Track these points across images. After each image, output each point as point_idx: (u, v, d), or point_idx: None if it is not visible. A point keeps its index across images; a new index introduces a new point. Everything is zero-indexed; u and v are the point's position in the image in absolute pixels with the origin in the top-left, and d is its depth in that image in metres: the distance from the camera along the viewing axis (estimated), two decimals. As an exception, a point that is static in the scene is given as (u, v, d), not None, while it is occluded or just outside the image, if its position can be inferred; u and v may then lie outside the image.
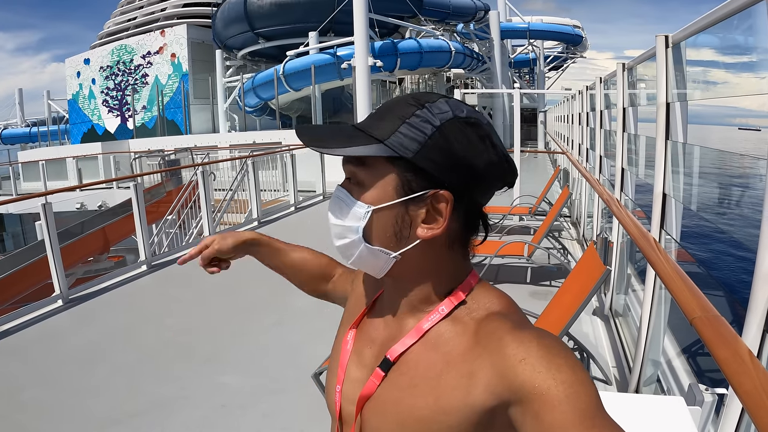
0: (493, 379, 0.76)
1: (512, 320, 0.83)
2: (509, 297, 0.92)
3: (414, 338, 0.89)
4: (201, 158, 15.80)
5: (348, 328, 1.04)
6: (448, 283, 0.91)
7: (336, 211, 0.89)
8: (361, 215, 0.85)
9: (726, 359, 1.28)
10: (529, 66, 44.62)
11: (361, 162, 0.85)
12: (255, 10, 28.74)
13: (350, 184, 0.88)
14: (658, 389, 3.32)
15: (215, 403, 3.80)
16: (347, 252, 0.89)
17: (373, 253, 0.87)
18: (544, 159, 23.80)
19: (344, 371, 0.98)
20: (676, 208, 3.12)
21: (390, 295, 0.96)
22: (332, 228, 0.89)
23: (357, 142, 0.83)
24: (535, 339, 0.76)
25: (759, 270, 1.67)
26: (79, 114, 40.28)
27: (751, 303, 1.70)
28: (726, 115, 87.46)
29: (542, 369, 0.72)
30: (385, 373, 0.89)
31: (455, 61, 28.95)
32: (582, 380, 0.71)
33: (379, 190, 0.85)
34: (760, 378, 1.19)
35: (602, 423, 0.67)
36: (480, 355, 0.79)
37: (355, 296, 1.13)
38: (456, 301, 0.89)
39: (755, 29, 2.11)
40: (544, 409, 0.69)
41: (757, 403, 1.11)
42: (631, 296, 4.82)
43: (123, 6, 43.00)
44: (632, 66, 4.39)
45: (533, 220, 9.06)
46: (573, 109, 10.82)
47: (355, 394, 0.93)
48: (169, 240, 10.53)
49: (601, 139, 6.24)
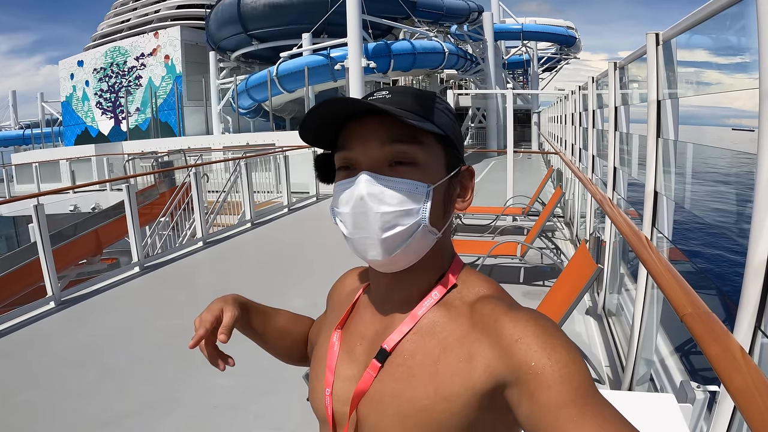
0: (492, 360, 0.77)
1: (506, 302, 0.85)
2: (495, 282, 0.94)
3: (409, 325, 0.88)
4: (194, 160, 15.76)
5: (332, 330, 1.02)
6: (441, 267, 0.93)
7: (387, 198, 0.81)
8: (423, 195, 0.83)
9: (717, 356, 1.28)
10: (523, 67, 44.71)
11: (418, 141, 0.84)
12: (248, 12, 28.74)
13: (396, 168, 0.83)
14: (651, 388, 3.31)
15: (207, 404, 3.78)
16: (396, 241, 0.82)
17: (425, 235, 0.84)
18: (537, 160, 23.86)
19: (333, 373, 0.96)
20: (668, 206, 3.12)
21: (381, 289, 0.95)
22: (380, 218, 0.81)
23: (416, 119, 0.82)
24: (531, 319, 0.78)
25: (750, 266, 1.67)
26: (73, 116, 40.25)
27: (742, 299, 1.69)
28: (720, 115, 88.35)
29: (538, 348, 0.73)
30: (382, 364, 0.87)
31: (449, 62, 29.01)
32: (575, 359, 0.73)
33: (434, 168, 0.86)
34: (752, 374, 1.18)
35: (595, 401, 0.68)
36: (478, 338, 0.80)
37: (331, 308, 1.13)
38: (448, 286, 0.90)
39: (745, 26, 2.11)
40: (539, 388, 0.70)
41: (749, 399, 1.10)
42: (623, 295, 4.82)
43: (116, 8, 43.03)
44: (624, 65, 4.40)
45: (526, 221, 9.05)
46: (566, 109, 10.84)
47: (348, 392, 0.90)
48: (162, 242, 10.50)
49: (593, 138, 6.24)
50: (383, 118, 0.83)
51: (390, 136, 0.83)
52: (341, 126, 0.88)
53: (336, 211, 0.87)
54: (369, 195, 0.81)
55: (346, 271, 1.18)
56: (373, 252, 0.83)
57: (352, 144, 0.85)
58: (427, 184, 0.83)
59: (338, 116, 0.85)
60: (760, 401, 1.07)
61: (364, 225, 0.82)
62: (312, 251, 8.33)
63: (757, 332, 1.67)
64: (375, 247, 0.83)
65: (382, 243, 0.82)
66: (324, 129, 0.87)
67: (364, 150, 0.84)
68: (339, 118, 0.86)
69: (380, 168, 0.83)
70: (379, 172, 0.83)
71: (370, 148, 0.84)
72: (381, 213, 0.81)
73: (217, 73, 32.62)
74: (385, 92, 0.87)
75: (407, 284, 0.91)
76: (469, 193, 0.94)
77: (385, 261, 0.84)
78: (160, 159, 15.69)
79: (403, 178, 0.82)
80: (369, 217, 0.81)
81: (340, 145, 0.88)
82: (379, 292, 0.96)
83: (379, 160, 0.83)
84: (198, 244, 8.87)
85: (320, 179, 0.98)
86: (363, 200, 0.81)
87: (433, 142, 0.86)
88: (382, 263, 0.85)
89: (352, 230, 0.84)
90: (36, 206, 5.98)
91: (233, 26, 29.63)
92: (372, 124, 0.84)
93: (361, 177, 0.82)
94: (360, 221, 0.82)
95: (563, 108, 11.93)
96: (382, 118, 0.83)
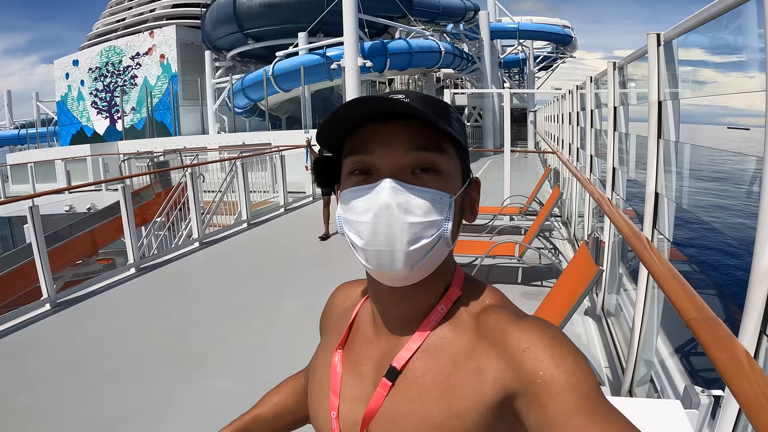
0: (501, 371, 0.76)
1: (511, 312, 0.84)
2: (498, 289, 0.92)
3: (418, 342, 0.85)
4: (190, 160, 15.73)
5: (333, 350, 0.97)
6: (446, 280, 0.90)
7: (413, 208, 0.76)
8: (446, 206, 0.80)
9: (723, 362, 1.26)
10: (519, 66, 44.79)
11: (442, 150, 0.80)
12: (244, 11, 28.70)
13: (419, 176, 0.79)
14: (651, 389, 3.30)
15: (205, 407, 3.76)
16: (420, 254, 0.78)
17: (442, 248, 0.81)
18: (533, 159, 23.85)
19: (338, 396, 0.91)
20: (669, 207, 3.11)
21: (384, 305, 0.90)
22: (408, 229, 0.76)
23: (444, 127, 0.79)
24: (537, 328, 0.77)
25: (755, 270, 1.65)
26: (68, 116, 40.16)
27: (747, 304, 1.68)
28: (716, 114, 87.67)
29: (546, 357, 0.73)
30: (393, 382, 0.84)
31: (445, 61, 29.00)
32: (583, 368, 0.72)
33: (455, 177, 0.83)
34: (759, 381, 1.16)
35: (603, 409, 0.68)
36: (486, 350, 0.79)
37: (326, 329, 1.08)
38: (453, 298, 0.88)
39: (745, 27, 2.10)
40: (547, 397, 0.70)
41: (756, 406, 1.09)
42: (623, 296, 4.80)
43: (112, 7, 42.93)
44: (623, 65, 4.38)
45: (524, 220, 9.06)
46: (563, 108, 10.83)
47: (357, 414, 0.87)
48: (158, 242, 10.47)
49: (591, 138, 6.23)
50: (407, 122, 0.79)
51: (416, 142, 0.79)
52: (354, 127, 0.82)
53: (347, 220, 0.81)
54: (395, 204, 0.76)
55: (334, 290, 1.14)
56: (395, 266, 0.77)
57: (372, 147, 0.79)
58: (449, 194, 0.80)
59: (363, 117, 0.80)
60: (770, 409, 1.05)
61: (385, 236, 0.76)
62: (308, 252, 8.32)
63: (763, 337, 1.65)
64: (397, 261, 0.77)
65: (407, 256, 0.77)
66: (339, 130, 0.83)
67: (386, 155, 0.79)
68: (363, 118, 0.81)
69: (403, 175, 0.79)
70: (402, 179, 0.78)
71: (394, 153, 0.79)
72: (409, 224, 0.76)
73: (213, 72, 32.57)
74: (401, 96, 0.80)
75: (414, 299, 0.86)
76: (476, 205, 0.91)
77: (404, 275, 0.79)
78: (156, 159, 15.62)
79: (427, 187, 0.78)
80: (393, 228, 0.76)
81: (354, 148, 0.82)
82: (382, 309, 0.91)
83: (403, 167, 0.79)
84: (194, 244, 8.85)
85: (319, 184, 0.92)
86: (389, 209, 0.75)
87: (452, 152, 0.83)
88: (399, 278, 0.80)
89: (369, 241, 0.77)
90: (31, 207, 5.95)
91: (229, 25, 29.58)
92: (396, 128, 0.79)
93: (385, 184, 0.76)
94: (381, 232, 0.76)
95: (560, 107, 11.92)
96: (406, 122, 0.79)
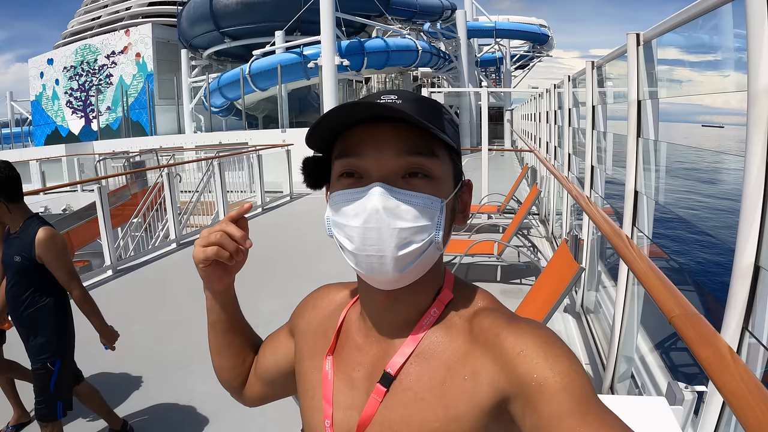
0: (496, 375, 0.76)
1: (504, 315, 0.83)
2: (488, 291, 0.92)
3: (411, 347, 0.84)
4: (166, 160, 15.58)
5: (323, 357, 0.95)
6: (438, 283, 0.89)
7: (403, 213, 0.75)
8: (438, 210, 0.78)
9: (708, 358, 1.27)
10: (496, 65, 45.05)
11: (434, 154, 0.79)
12: (221, 9, 28.56)
13: (409, 180, 0.78)
14: (632, 386, 3.33)
15: (185, 410, 3.72)
16: (409, 258, 0.77)
17: (433, 252, 0.80)
18: (510, 157, 23.99)
19: (331, 404, 0.90)
20: (648, 204, 3.14)
21: (375, 309, 0.89)
22: (397, 235, 0.75)
23: (438, 131, 0.77)
24: (531, 331, 0.77)
25: (737, 268, 1.67)
26: (43, 115, 39.65)
27: (729, 300, 1.70)
28: (690, 112, 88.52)
29: (540, 360, 0.73)
30: (387, 389, 0.83)
31: (422, 60, 29.12)
32: (577, 369, 0.73)
33: (446, 181, 0.82)
34: (743, 376, 1.18)
35: (597, 409, 0.68)
36: (480, 354, 0.79)
37: (305, 330, 1.04)
38: (445, 301, 0.88)
39: (722, 28, 2.12)
40: (542, 400, 0.70)
41: (742, 402, 1.10)
42: (602, 293, 4.85)
43: (87, 5, 42.39)
44: (602, 64, 4.42)
45: (502, 218, 9.09)
46: (540, 107, 10.90)
47: (351, 421, 0.86)
48: (135, 244, 10.34)
49: (569, 137, 6.28)
50: (399, 125, 0.77)
51: (408, 146, 0.77)
52: (343, 130, 0.81)
53: (337, 223, 0.80)
54: (384, 209, 0.74)
55: (316, 289, 1.11)
56: (384, 270, 0.77)
57: (363, 151, 0.78)
58: (441, 198, 0.79)
59: (353, 121, 0.79)
60: (754, 404, 1.08)
61: (375, 241, 0.75)
62: (286, 251, 8.26)
63: (745, 333, 1.67)
64: (387, 266, 0.76)
65: (396, 261, 0.76)
66: (329, 133, 0.81)
67: (377, 158, 0.77)
68: (352, 122, 0.79)
69: (393, 180, 0.77)
70: (392, 183, 0.77)
71: (385, 157, 0.77)
72: (398, 229, 0.75)
73: (189, 71, 32.36)
74: (394, 96, 0.80)
75: (405, 303, 0.86)
76: (468, 208, 0.89)
77: (393, 279, 0.78)
78: (132, 159, 15.43)
79: (418, 191, 0.77)
80: (383, 233, 0.75)
81: (344, 151, 0.80)
82: (373, 313, 0.90)
83: (394, 171, 0.77)
84: (171, 245, 8.78)
85: (309, 185, 0.90)
86: (378, 214, 0.74)
87: (444, 155, 0.81)
88: (389, 281, 0.79)
89: (360, 246, 0.76)
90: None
91: (205, 23, 29.42)
92: (387, 131, 0.78)
93: (375, 189, 0.75)
94: (371, 236, 0.75)
95: (538, 106, 12.00)
96: (397, 125, 0.77)
